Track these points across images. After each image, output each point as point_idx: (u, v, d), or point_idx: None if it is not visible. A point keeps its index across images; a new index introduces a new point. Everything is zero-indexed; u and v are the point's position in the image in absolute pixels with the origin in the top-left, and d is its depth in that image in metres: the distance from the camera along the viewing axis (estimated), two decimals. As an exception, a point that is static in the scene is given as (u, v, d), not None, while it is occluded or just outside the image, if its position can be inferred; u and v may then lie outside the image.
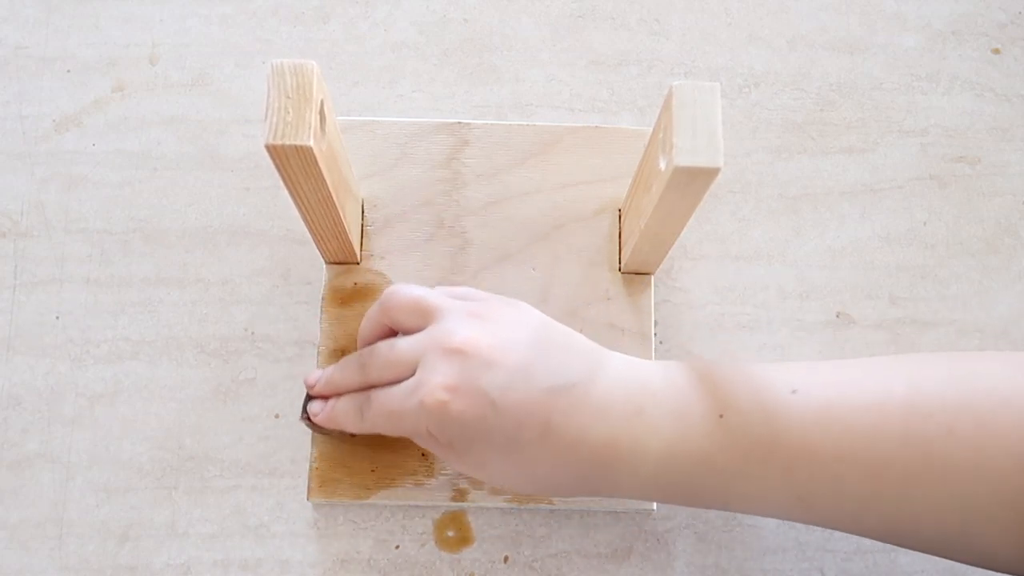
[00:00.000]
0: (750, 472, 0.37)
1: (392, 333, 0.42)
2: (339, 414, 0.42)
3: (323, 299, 0.48)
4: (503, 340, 0.38)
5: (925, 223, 0.52)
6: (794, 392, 0.37)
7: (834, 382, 0.38)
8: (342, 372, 0.43)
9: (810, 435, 0.37)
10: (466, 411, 0.37)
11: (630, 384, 0.39)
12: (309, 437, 0.47)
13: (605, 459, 0.38)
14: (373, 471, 0.46)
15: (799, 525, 0.47)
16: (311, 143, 0.35)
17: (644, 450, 0.38)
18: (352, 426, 0.42)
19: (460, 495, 0.46)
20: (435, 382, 0.37)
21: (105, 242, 0.50)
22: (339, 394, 0.43)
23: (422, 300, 0.40)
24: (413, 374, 0.39)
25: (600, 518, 0.47)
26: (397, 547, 0.46)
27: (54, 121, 0.52)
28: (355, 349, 0.47)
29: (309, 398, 0.44)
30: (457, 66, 0.54)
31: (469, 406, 0.37)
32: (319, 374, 0.44)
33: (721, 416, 0.37)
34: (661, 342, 0.49)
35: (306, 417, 0.44)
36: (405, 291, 0.41)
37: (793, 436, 0.37)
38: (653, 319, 0.48)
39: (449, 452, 0.39)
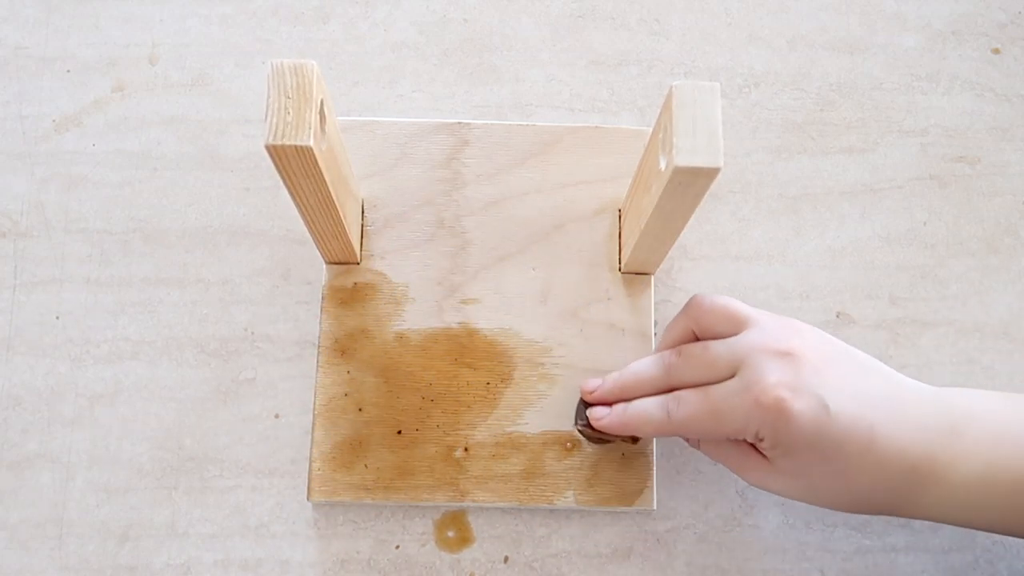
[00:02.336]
0: None
1: (694, 340, 0.42)
2: (638, 415, 0.41)
3: (323, 299, 0.48)
4: (824, 351, 0.39)
5: (925, 223, 0.52)
6: None
7: None
8: (638, 375, 0.42)
9: None
10: (804, 412, 0.37)
11: (943, 403, 0.39)
12: (309, 437, 0.47)
13: (922, 475, 0.38)
14: (373, 471, 0.46)
15: (799, 525, 0.47)
16: (311, 143, 0.35)
17: (962, 469, 0.38)
18: (655, 427, 0.41)
19: (460, 495, 0.46)
20: (771, 380, 0.37)
21: (105, 242, 0.50)
22: (627, 399, 0.42)
23: (733, 306, 0.41)
24: (729, 377, 0.39)
25: (600, 518, 0.47)
26: (397, 547, 0.46)
27: (54, 121, 0.52)
28: (354, 348, 0.47)
29: (584, 404, 0.44)
30: (457, 66, 0.54)
31: (807, 407, 0.37)
32: (597, 381, 0.43)
33: None
34: (661, 342, 0.49)
35: (584, 424, 0.44)
36: (715, 297, 0.42)
37: None
38: (653, 319, 0.48)
39: (762, 464, 0.39)
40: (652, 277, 0.49)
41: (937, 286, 0.51)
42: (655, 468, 0.46)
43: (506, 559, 0.46)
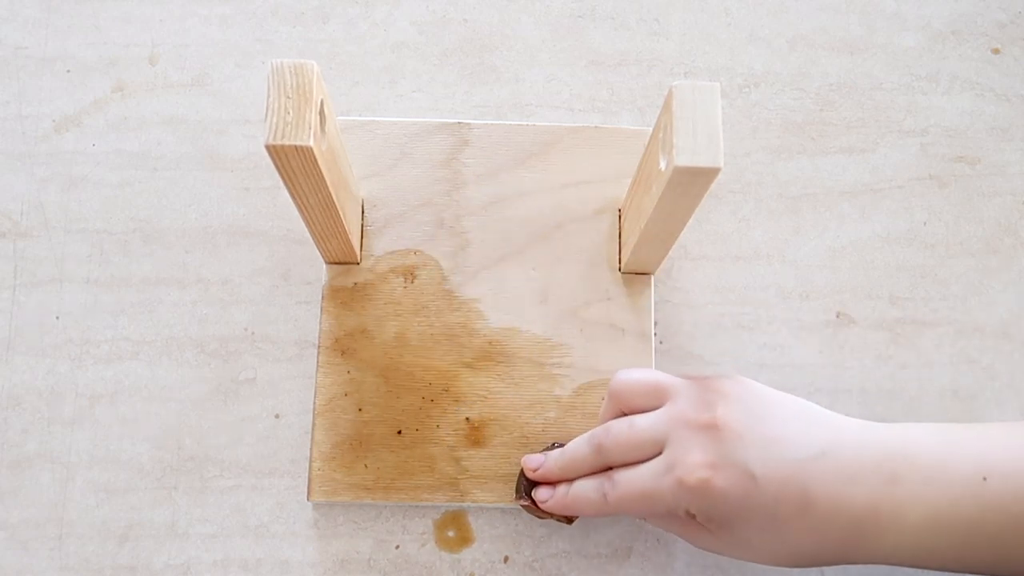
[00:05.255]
0: None
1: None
2: (577, 498, 0.41)
3: (323, 299, 0.48)
4: (747, 414, 0.38)
5: (925, 223, 0.52)
6: None
7: None
8: (573, 456, 0.42)
9: None
10: (728, 488, 0.37)
11: (877, 448, 0.38)
12: (309, 437, 0.47)
13: (865, 528, 0.37)
14: (373, 471, 0.46)
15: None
16: (311, 143, 0.35)
17: (906, 517, 0.37)
18: (593, 510, 0.41)
19: (460, 495, 0.46)
20: (693, 460, 0.37)
21: (105, 242, 0.50)
22: (568, 479, 0.42)
23: (651, 378, 0.41)
24: (657, 453, 0.39)
25: (600, 518, 0.47)
26: (397, 547, 0.46)
27: (54, 121, 0.52)
28: (354, 348, 0.47)
29: (526, 480, 0.44)
30: (457, 66, 0.54)
31: (731, 482, 0.37)
32: (540, 458, 0.43)
33: (985, 479, 0.36)
34: (661, 342, 0.49)
35: (528, 502, 0.44)
36: (633, 372, 0.41)
37: None
38: (653, 319, 0.48)
39: (704, 532, 0.39)
40: (652, 277, 0.49)
41: (937, 286, 0.51)
42: (655, 468, 0.46)
43: (506, 559, 0.46)
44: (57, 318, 0.49)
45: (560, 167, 0.50)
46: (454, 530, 0.47)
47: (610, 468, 0.41)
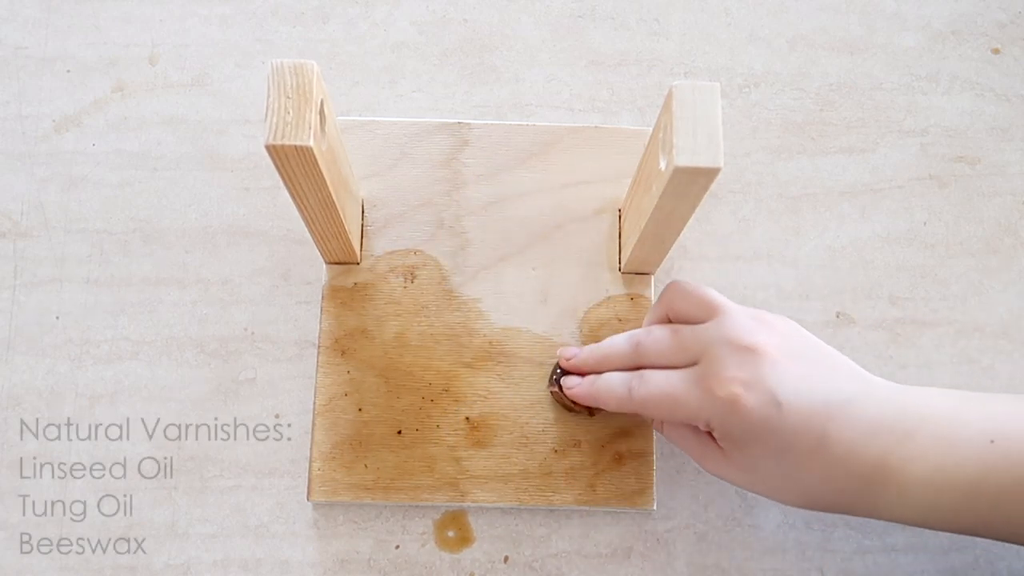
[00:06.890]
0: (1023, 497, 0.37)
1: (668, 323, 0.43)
2: (603, 390, 0.42)
3: (323, 299, 0.48)
4: (788, 347, 0.39)
5: (925, 223, 0.52)
6: None
7: None
8: (610, 349, 0.43)
9: None
10: (755, 409, 0.38)
11: (898, 406, 0.39)
12: (309, 437, 0.47)
13: (873, 478, 0.38)
14: (373, 471, 0.46)
15: (799, 525, 0.47)
16: (311, 143, 0.35)
17: (912, 472, 0.38)
18: (616, 403, 0.42)
19: (460, 495, 0.46)
20: (728, 375, 0.38)
21: (105, 242, 0.50)
22: (598, 372, 0.43)
23: (706, 293, 0.41)
24: (692, 363, 0.40)
25: (600, 518, 0.47)
26: (397, 547, 0.46)
27: (54, 121, 0.52)
28: (354, 348, 0.47)
29: (560, 370, 0.45)
30: (457, 66, 0.54)
31: (758, 404, 0.38)
32: (575, 349, 0.45)
33: (992, 441, 0.37)
34: (661, 342, 0.49)
35: (556, 388, 0.45)
36: (690, 284, 0.42)
37: None
38: (653, 319, 0.48)
39: (716, 452, 0.40)
40: (652, 277, 0.49)
41: (937, 286, 0.51)
42: (655, 468, 0.46)
43: (506, 559, 0.46)
44: (57, 318, 0.49)
45: (560, 167, 0.50)
46: (454, 530, 0.47)
47: (641, 368, 0.42)
